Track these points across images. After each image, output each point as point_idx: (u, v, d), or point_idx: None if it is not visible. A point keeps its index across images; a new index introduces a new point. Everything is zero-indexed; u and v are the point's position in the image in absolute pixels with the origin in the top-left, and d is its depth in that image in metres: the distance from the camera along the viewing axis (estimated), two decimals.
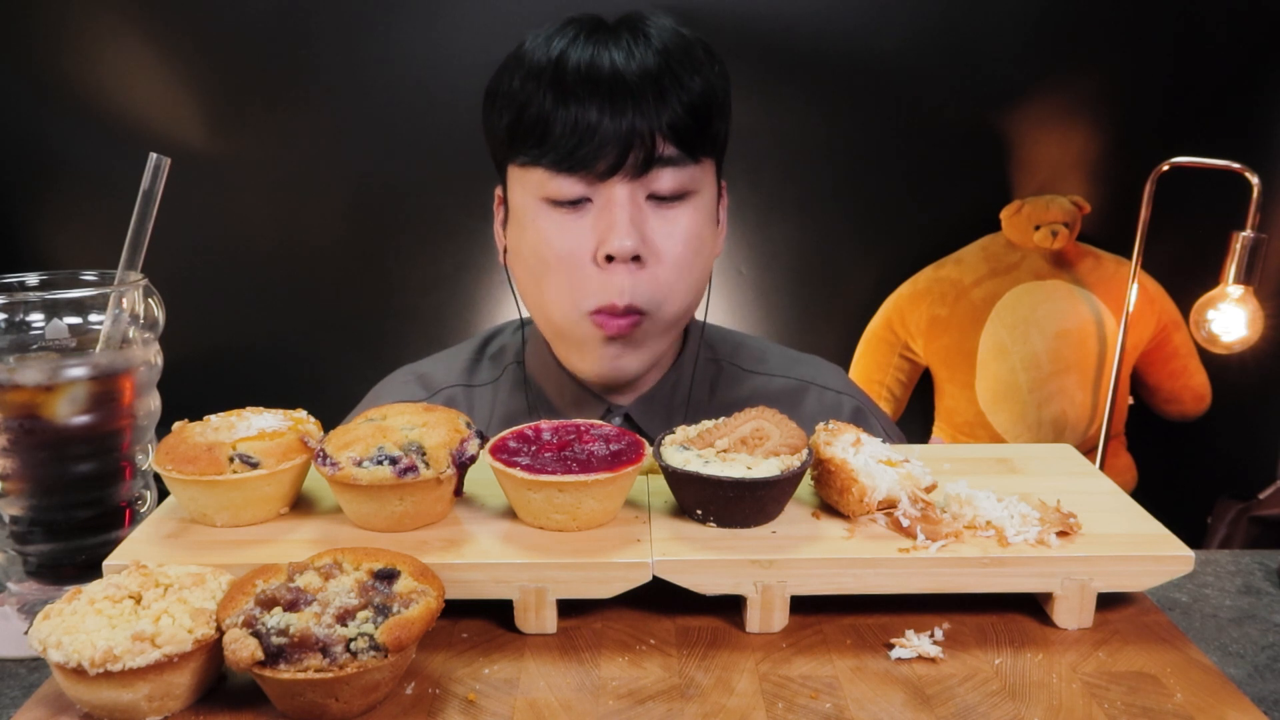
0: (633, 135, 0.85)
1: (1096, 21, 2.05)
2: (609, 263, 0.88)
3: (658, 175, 0.87)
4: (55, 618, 0.58)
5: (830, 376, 1.07)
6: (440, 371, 1.08)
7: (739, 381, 1.04)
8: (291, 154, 2.11)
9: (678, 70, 0.86)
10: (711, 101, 0.88)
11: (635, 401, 1.00)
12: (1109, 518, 0.72)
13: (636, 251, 0.87)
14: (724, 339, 1.09)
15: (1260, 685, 0.71)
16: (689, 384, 1.02)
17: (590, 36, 0.87)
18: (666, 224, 0.89)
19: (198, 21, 2.02)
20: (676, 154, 0.87)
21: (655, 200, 0.89)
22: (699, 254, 0.91)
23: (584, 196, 0.89)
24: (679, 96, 0.86)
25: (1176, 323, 2.12)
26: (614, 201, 0.87)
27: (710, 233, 0.94)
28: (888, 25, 2.04)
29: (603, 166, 0.86)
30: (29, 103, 2.05)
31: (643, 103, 0.85)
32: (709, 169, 0.92)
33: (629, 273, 0.88)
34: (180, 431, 0.73)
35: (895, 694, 0.61)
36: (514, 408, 1.03)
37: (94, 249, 2.10)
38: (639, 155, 0.86)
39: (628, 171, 0.86)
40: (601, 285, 0.89)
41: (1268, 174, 1.90)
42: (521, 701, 0.60)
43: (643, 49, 0.86)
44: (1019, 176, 2.15)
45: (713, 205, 0.94)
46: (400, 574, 0.61)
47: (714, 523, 0.70)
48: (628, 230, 0.86)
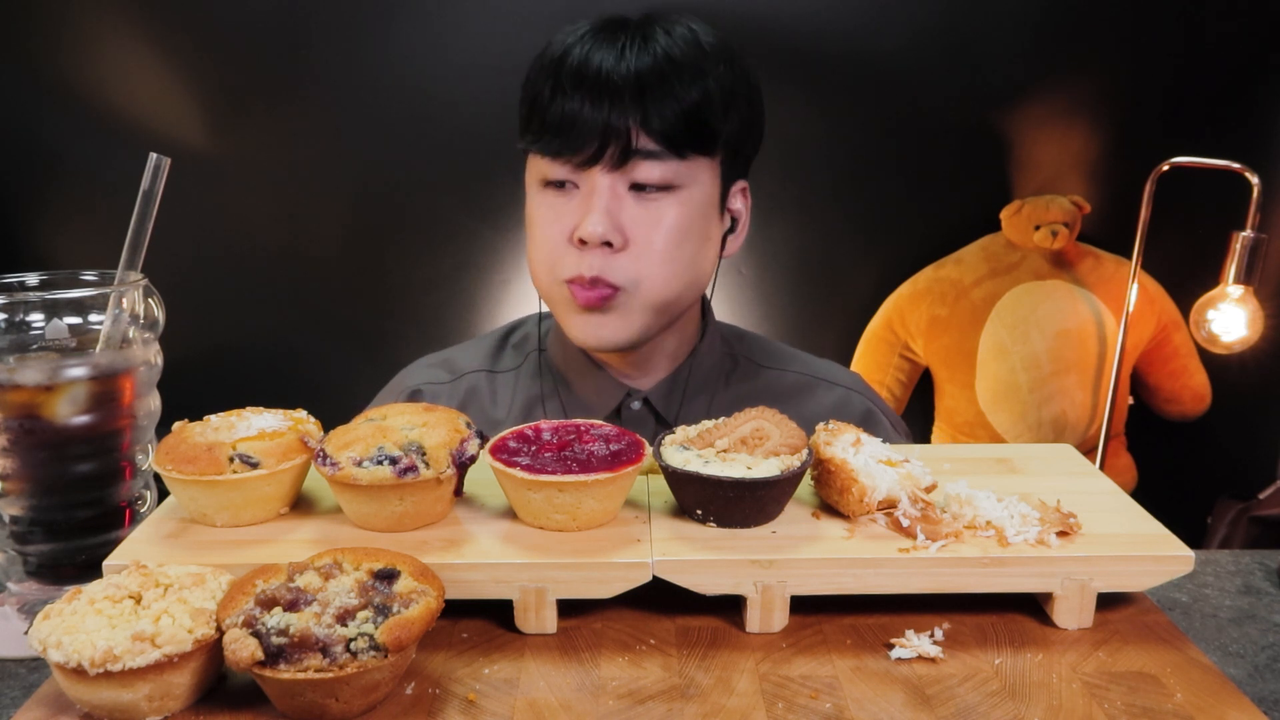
0: (609, 129, 0.90)
1: (1096, 21, 2.05)
2: (583, 245, 0.94)
3: (639, 166, 0.92)
4: (55, 618, 0.58)
5: (842, 375, 1.12)
6: (464, 358, 1.13)
7: (753, 375, 1.09)
8: (291, 154, 2.11)
9: (669, 74, 0.91)
10: (706, 104, 0.92)
11: (653, 387, 1.05)
12: (1109, 518, 0.72)
13: (607, 237, 0.92)
14: (739, 336, 1.14)
15: (1260, 685, 0.71)
16: (704, 372, 1.06)
17: (596, 36, 0.94)
18: (647, 213, 0.94)
19: (198, 21, 2.02)
20: (657, 149, 0.92)
21: (638, 190, 0.94)
22: (682, 245, 0.95)
23: (569, 180, 0.95)
24: (662, 97, 0.91)
25: (1176, 323, 2.12)
26: (593, 189, 0.93)
27: (702, 227, 0.97)
28: (888, 25, 2.04)
29: (584, 155, 0.92)
30: (29, 103, 2.05)
31: (621, 101, 0.90)
32: (703, 166, 0.96)
33: (601, 255, 0.94)
34: (180, 431, 0.73)
35: (895, 694, 0.61)
36: (535, 393, 1.08)
37: (94, 249, 2.10)
38: (617, 148, 0.91)
39: (607, 162, 0.92)
40: (575, 261, 0.94)
41: (1268, 174, 1.90)
42: (521, 701, 0.60)
43: (637, 51, 0.92)
44: (1019, 176, 2.15)
45: (707, 201, 0.97)
46: (400, 574, 0.61)
47: (714, 523, 0.70)
48: (599, 217, 0.92)
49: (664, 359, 1.05)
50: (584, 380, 1.06)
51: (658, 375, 1.06)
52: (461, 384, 1.09)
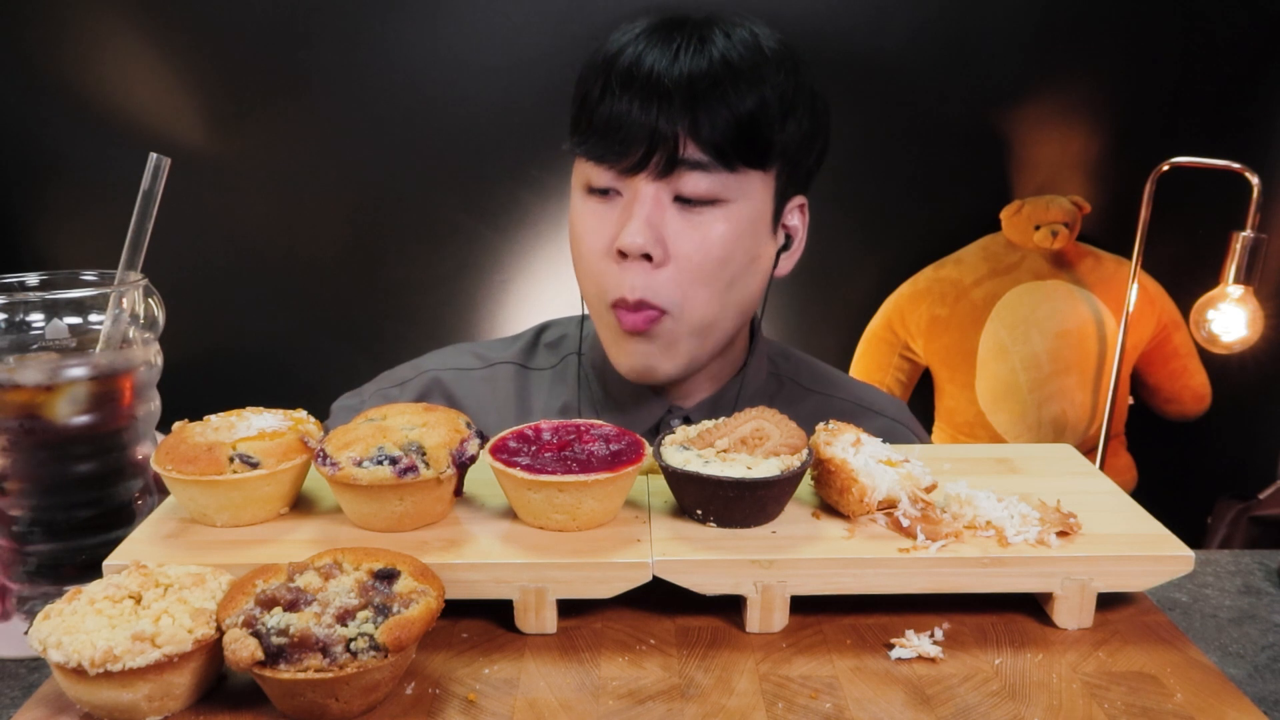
0: (656, 135, 0.86)
1: (1096, 21, 2.05)
2: (623, 258, 0.89)
3: (685, 177, 0.88)
4: (55, 618, 0.58)
5: (887, 404, 1.08)
6: (494, 350, 1.08)
7: (798, 398, 1.05)
8: (291, 154, 2.11)
9: (725, 79, 0.86)
10: (762, 114, 0.87)
11: (695, 406, 1.01)
12: (1109, 518, 0.72)
13: (646, 250, 0.87)
14: (786, 356, 1.10)
15: (1260, 685, 0.71)
16: (750, 393, 1.02)
17: (652, 35, 0.88)
18: (691, 228, 0.89)
19: (198, 21, 2.02)
20: (705, 159, 0.87)
21: (683, 203, 0.89)
22: (727, 264, 0.90)
23: (613, 188, 0.90)
24: (714, 105, 0.85)
25: (1176, 323, 2.12)
26: (636, 198, 0.88)
27: (750, 244, 0.92)
28: (888, 25, 2.04)
29: (628, 161, 0.87)
30: (29, 103, 2.05)
31: (670, 105, 0.85)
32: (754, 180, 0.90)
33: (642, 270, 0.89)
34: (180, 431, 0.73)
35: (895, 694, 0.61)
36: (571, 399, 1.03)
37: (94, 249, 2.10)
38: (663, 155, 0.87)
39: (652, 170, 0.87)
40: (617, 279, 0.90)
41: (1268, 174, 1.90)
42: (521, 701, 0.60)
43: (692, 54, 0.86)
44: (1019, 176, 2.15)
45: (758, 217, 0.92)
46: (400, 574, 0.61)
47: (714, 523, 0.70)
48: (640, 227, 0.87)
49: (707, 379, 1.01)
50: (624, 395, 1.01)
51: (701, 394, 1.02)
52: (494, 372, 1.05)
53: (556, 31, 1.98)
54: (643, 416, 1.00)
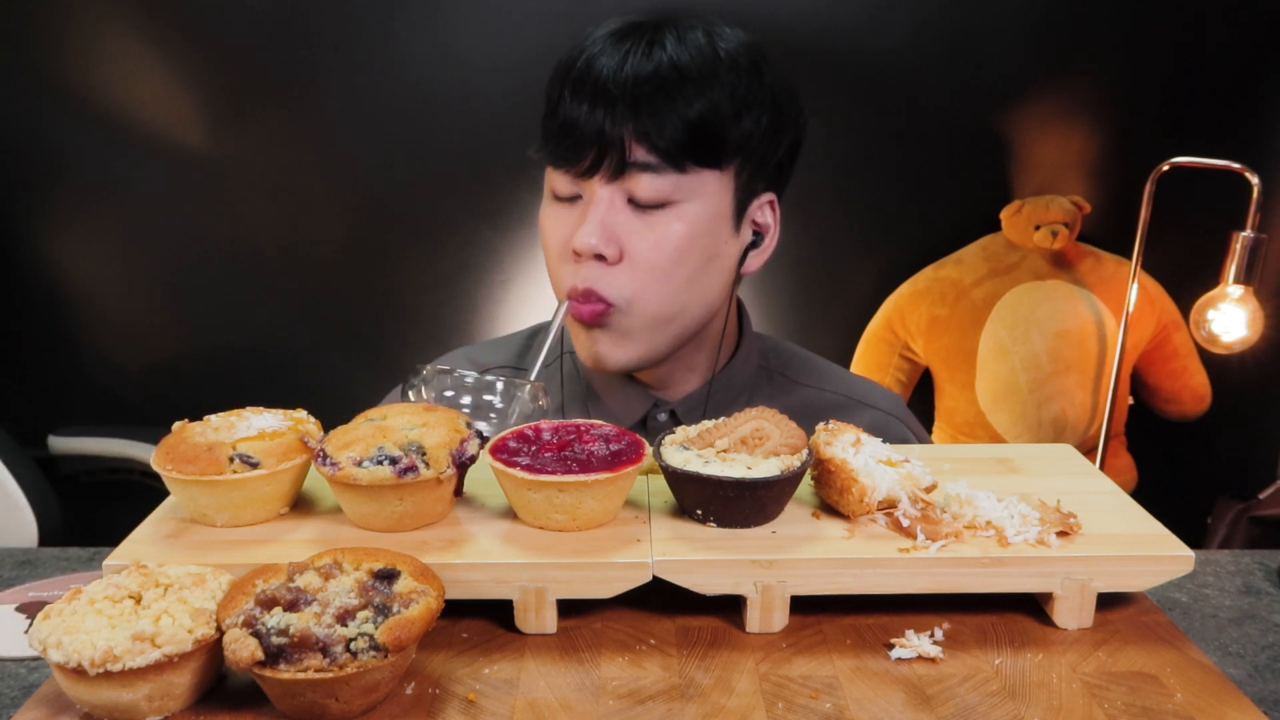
0: (604, 138, 0.87)
1: (1096, 21, 2.05)
2: (579, 257, 0.91)
3: (637, 179, 0.89)
4: (55, 618, 0.58)
5: (881, 397, 1.08)
6: (490, 354, 1.10)
7: (787, 392, 1.06)
8: (292, 154, 2.11)
9: (670, 82, 0.87)
10: (712, 116, 0.88)
11: (681, 400, 1.02)
12: (1109, 518, 0.72)
13: (599, 250, 0.89)
14: (777, 350, 1.10)
15: (1260, 685, 0.71)
16: (736, 386, 1.03)
17: (609, 40, 0.90)
18: (647, 228, 0.90)
19: (198, 21, 2.02)
20: (654, 161, 0.88)
21: (636, 205, 0.90)
22: (682, 262, 0.91)
23: (575, 194, 0.92)
24: (659, 107, 0.86)
25: (1176, 323, 2.12)
26: (592, 200, 0.90)
27: (707, 243, 0.92)
28: (888, 25, 2.04)
29: (581, 165, 0.89)
30: (29, 102, 2.05)
31: (616, 108, 0.87)
32: (710, 179, 0.91)
33: (596, 267, 0.91)
34: (180, 431, 0.73)
35: (895, 694, 0.61)
36: (562, 397, 1.05)
37: (94, 249, 2.10)
38: (613, 158, 0.88)
39: (605, 173, 0.89)
40: (571, 272, 0.92)
41: (1268, 174, 1.90)
42: (521, 701, 0.60)
43: (639, 58, 0.87)
44: (1019, 176, 2.15)
45: (715, 216, 0.92)
46: (400, 574, 0.61)
47: (714, 523, 0.70)
48: (593, 229, 0.89)
49: (691, 373, 1.02)
50: (610, 389, 1.03)
51: (687, 388, 1.02)
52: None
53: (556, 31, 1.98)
54: (629, 411, 1.02)
